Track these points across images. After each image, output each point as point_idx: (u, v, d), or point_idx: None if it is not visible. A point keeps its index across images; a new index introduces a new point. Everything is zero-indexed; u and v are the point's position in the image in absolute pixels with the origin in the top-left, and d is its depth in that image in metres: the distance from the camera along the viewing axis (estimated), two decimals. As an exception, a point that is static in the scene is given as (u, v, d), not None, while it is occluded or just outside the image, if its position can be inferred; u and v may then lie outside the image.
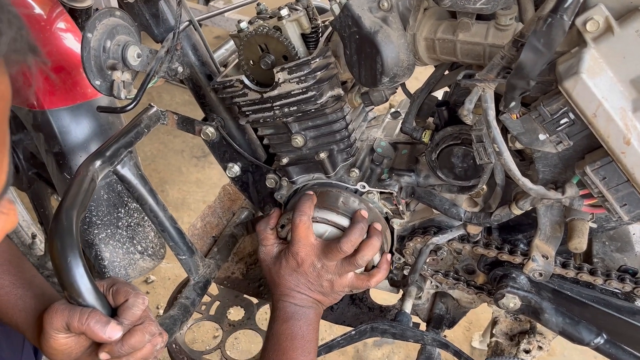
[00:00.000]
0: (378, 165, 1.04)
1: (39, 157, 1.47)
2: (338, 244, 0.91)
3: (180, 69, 1.04)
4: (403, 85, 0.99)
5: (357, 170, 1.01)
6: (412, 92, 0.99)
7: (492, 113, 0.71)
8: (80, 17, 1.32)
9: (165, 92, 3.20)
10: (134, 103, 0.94)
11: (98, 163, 0.94)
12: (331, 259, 0.93)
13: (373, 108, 1.15)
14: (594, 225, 0.84)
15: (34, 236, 1.90)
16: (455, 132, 0.88)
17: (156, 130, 1.06)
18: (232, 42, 1.46)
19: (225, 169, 1.17)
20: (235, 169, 1.16)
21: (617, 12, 0.65)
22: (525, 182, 0.73)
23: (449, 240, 0.98)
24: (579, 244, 0.78)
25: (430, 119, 0.98)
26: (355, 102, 0.99)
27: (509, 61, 0.69)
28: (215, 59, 1.15)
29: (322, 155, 0.99)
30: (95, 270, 1.30)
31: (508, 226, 0.98)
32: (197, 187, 2.65)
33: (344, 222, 0.96)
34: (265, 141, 1.05)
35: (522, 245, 0.96)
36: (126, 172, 1.01)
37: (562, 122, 0.69)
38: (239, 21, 0.93)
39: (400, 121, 1.15)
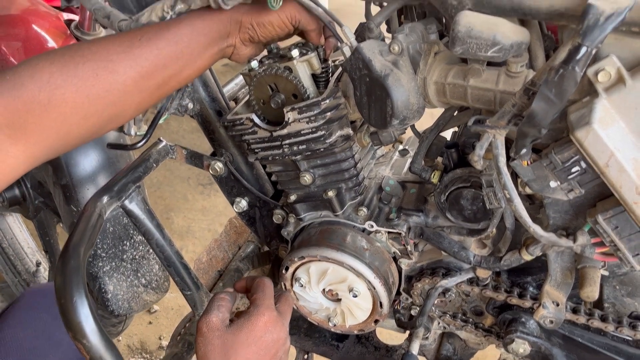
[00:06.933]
0: (386, 204, 1.03)
1: (46, 186, 1.48)
2: None
3: (190, 105, 1.05)
4: (412, 125, 0.99)
5: (365, 209, 1.00)
6: (420, 127, 0.99)
7: (502, 160, 0.71)
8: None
9: (174, 119, 3.22)
10: (144, 140, 0.95)
11: (106, 198, 0.94)
12: None
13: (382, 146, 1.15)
14: (606, 273, 0.83)
15: (38, 264, 1.89)
16: (465, 174, 0.88)
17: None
18: (241, 77, 1.48)
19: (232, 203, 1.17)
20: (243, 203, 1.16)
21: (629, 63, 0.65)
22: (536, 230, 0.73)
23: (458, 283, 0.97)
24: (591, 292, 0.77)
25: (439, 159, 0.98)
26: (364, 142, 0.99)
27: (520, 109, 0.69)
28: (225, 93, 1.15)
29: (331, 193, 0.99)
30: (98, 302, 1.29)
31: (517, 268, 0.97)
32: (203, 215, 2.64)
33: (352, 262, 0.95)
34: (274, 178, 1.05)
35: (531, 289, 0.95)
36: (134, 207, 1.01)
37: (573, 170, 0.69)
38: (250, 60, 0.94)
39: (408, 159, 1.15)
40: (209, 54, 0.81)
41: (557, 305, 0.84)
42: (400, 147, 1.21)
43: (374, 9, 0.96)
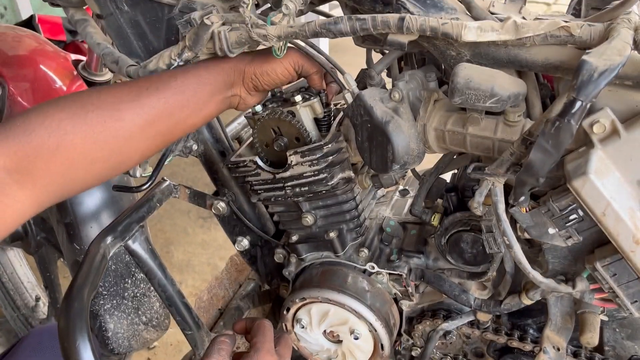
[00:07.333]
0: (387, 245, 1.04)
1: (49, 222, 1.49)
2: None
3: (194, 147, 1.07)
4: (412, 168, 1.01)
5: (366, 250, 1.01)
6: (421, 168, 1.00)
7: (501, 207, 0.72)
8: (98, 90, 1.36)
9: (174, 152, 3.24)
10: (150, 182, 0.96)
11: (110, 239, 0.95)
12: None
13: (382, 187, 1.17)
14: (606, 319, 0.83)
15: (37, 299, 1.89)
16: (465, 218, 0.89)
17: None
18: (243, 116, 1.50)
19: (234, 242, 1.18)
20: (245, 242, 1.17)
21: (623, 115, 0.67)
22: (535, 276, 0.74)
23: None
24: (591, 338, 0.77)
25: (439, 201, 1.00)
26: (365, 184, 1.00)
27: (518, 158, 0.70)
28: (228, 133, 1.17)
29: (332, 234, 1.00)
30: (98, 340, 1.29)
31: (517, 310, 0.97)
32: (203, 249, 2.64)
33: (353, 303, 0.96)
34: (276, 218, 1.06)
35: (532, 331, 0.96)
36: (137, 246, 1.02)
37: (571, 218, 0.70)
38: (253, 104, 0.96)
39: (409, 199, 1.17)
40: (214, 103, 0.83)
41: (558, 350, 0.84)
42: (401, 187, 1.22)
43: (375, 55, 0.99)
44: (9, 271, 1.88)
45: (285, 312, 1.04)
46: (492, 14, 0.77)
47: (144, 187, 0.98)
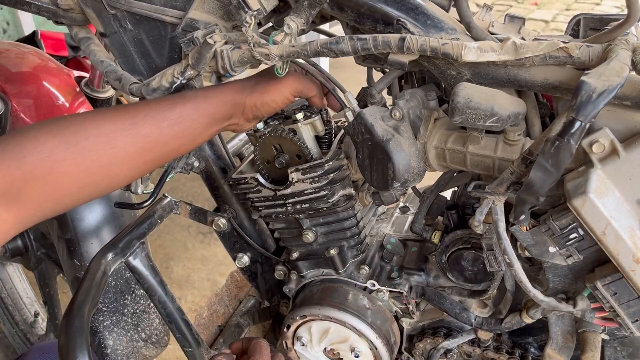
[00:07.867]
0: (388, 263, 1.04)
1: (49, 237, 1.48)
2: None
3: (196, 164, 1.07)
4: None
5: (367, 268, 1.01)
6: (421, 185, 1.01)
7: (502, 225, 0.72)
8: (101, 107, 1.37)
9: (175, 167, 3.24)
10: (152, 199, 0.97)
11: (110, 256, 0.95)
12: None
13: (383, 204, 1.17)
14: (607, 337, 0.83)
15: (36, 314, 1.88)
16: (465, 235, 0.89)
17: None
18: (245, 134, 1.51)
19: (234, 259, 1.18)
20: (245, 259, 1.17)
21: (622, 135, 0.67)
22: (536, 294, 0.74)
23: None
24: (592, 357, 0.77)
25: (440, 218, 1.00)
26: (366, 201, 1.01)
27: (518, 176, 0.71)
28: (229, 149, 1.18)
29: (333, 251, 1.00)
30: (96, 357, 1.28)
31: (518, 329, 0.97)
32: (202, 265, 2.63)
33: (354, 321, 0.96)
34: (276, 234, 1.07)
35: (532, 349, 0.95)
36: (137, 263, 1.02)
37: (571, 236, 0.70)
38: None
39: (409, 216, 1.17)
40: (209, 133, 0.84)
41: (559, 369, 0.84)
42: (401, 204, 1.22)
43: (376, 73, 1.00)
44: (8, 286, 1.87)
45: (285, 329, 1.04)
46: (492, 34, 0.78)
47: (146, 203, 0.98)
